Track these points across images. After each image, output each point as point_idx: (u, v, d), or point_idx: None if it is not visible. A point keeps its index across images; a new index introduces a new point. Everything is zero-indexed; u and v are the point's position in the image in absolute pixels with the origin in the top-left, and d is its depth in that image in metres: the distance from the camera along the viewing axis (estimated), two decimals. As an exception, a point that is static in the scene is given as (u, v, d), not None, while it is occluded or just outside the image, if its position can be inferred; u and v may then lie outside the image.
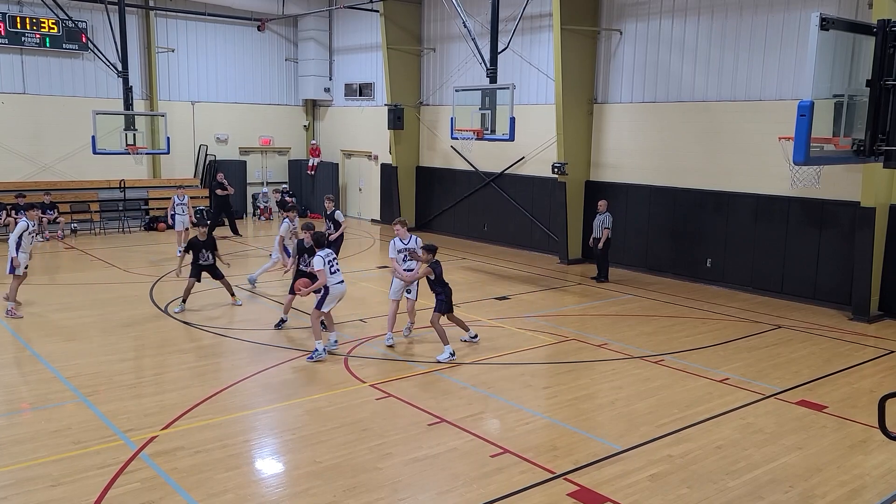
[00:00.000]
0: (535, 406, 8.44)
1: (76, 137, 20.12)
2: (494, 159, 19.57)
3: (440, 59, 21.28)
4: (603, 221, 15.20)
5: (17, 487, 6.23)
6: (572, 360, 10.12)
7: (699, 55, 15.12)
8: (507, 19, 16.73)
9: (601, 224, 15.21)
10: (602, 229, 15.14)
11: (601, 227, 15.21)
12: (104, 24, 18.98)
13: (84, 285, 14.24)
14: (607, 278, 15.36)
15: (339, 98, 25.24)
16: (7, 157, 20.20)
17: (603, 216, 15.22)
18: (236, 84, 24.37)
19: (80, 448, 7.00)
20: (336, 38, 25.05)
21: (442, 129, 20.75)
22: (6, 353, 9.92)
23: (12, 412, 8.00)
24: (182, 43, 23.13)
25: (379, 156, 23.58)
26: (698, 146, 15.29)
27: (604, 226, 15.14)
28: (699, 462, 7.00)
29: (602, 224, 15.19)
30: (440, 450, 7.17)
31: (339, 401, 8.36)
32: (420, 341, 10.89)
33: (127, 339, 10.89)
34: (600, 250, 15.23)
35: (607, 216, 15.22)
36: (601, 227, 15.21)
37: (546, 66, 17.76)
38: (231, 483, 6.43)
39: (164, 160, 22.73)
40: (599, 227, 15.23)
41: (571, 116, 16.74)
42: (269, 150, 25.71)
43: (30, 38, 20.10)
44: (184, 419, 7.75)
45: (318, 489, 6.34)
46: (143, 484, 6.33)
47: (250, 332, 10.99)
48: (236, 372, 9.27)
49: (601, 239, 15.09)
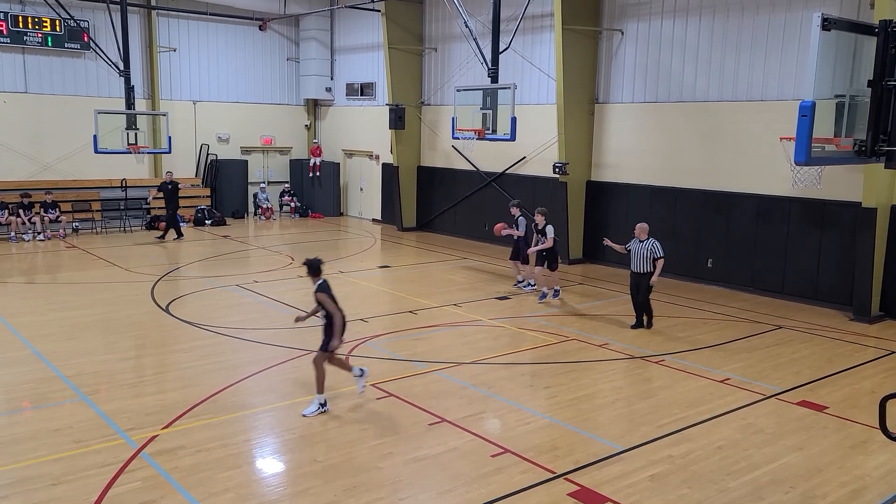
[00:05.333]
0: (536, 406, 8.44)
1: (78, 137, 20.13)
2: (495, 159, 19.56)
3: (441, 58, 21.28)
4: (651, 250, 11.29)
5: (18, 486, 6.24)
6: (573, 360, 10.12)
7: (700, 55, 15.11)
8: (509, 19, 16.73)
9: (648, 254, 11.30)
10: (652, 261, 11.29)
11: (648, 258, 11.30)
12: (106, 24, 18.99)
13: (85, 284, 14.24)
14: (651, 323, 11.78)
15: (340, 98, 25.25)
16: (9, 156, 20.22)
17: (648, 244, 11.30)
18: (238, 83, 24.39)
19: (81, 447, 7.01)
20: (337, 38, 25.05)
21: (443, 128, 20.75)
22: (6, 351, 9.92)
23: (13, 411, 8.01)
24: (184, 42, 23.14)
25: (380, 155, 23.58)
26: (699, 146, 15.29)
27: (654, 255, 11.27)
28: (700, 462, 7.00)
29: (650, 254, 11.28)
30: (441, 449, 7.17)
31: (339, 400, 8.35)
32: (421, 340, 10.89)
33: (128, 338, 10.90)
34: (646, 290, 11.48)
35: (654, 244, 11.31)
36: (648, 259, 11.30)
37: (547, 65, 17.76)
38: (231, 482, 6.43)
39: (165, 159, 22.73)
40: (646, 259, 11.32)
41: (573, 116, 16.74)
42: (270, 150, 25.72)
43: (32, 38, 20.11)
44: (184, 418, 7.76)
45: (319, 489, 6.35)
46: (143, 483, 6.34)
47: (250, 332, 10.99)
48: (236, 371, 9.27)
49: (654, 274, 11.30)
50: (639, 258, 11.43)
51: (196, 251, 18.35)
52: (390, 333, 11.25)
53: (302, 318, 8.35)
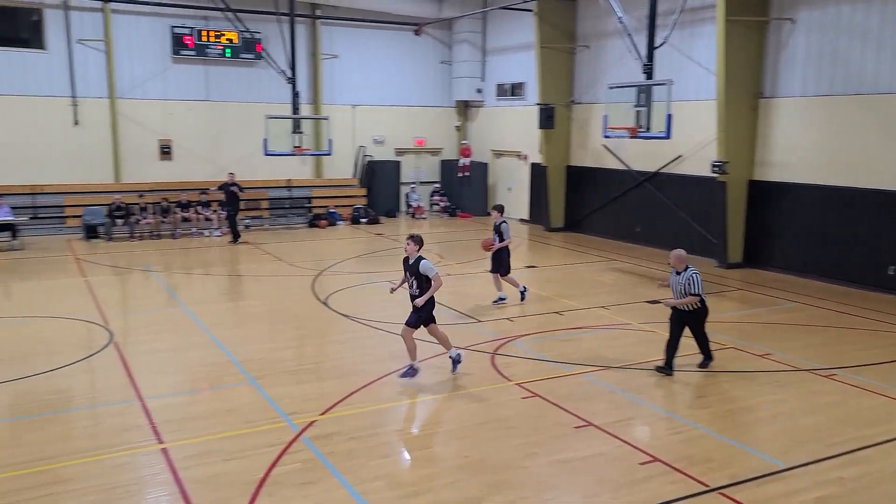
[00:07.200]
0: (688, 415, 8.09)
1: (249, 140, 21.78)
2: (648, 158, 18.93)
3: (593, 56, 20.90)
4: (687, 286, 9.00)
5: (198, 459, 6.88)
6: (730, 369, 9.58)
7: (883, 42, 13.75)
8: (666, 13, 16.12)
9: (686, 287, 9.02)
10: (688, 293, 9.03)
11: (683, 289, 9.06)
12: (276, 35, 20.40)
13: (254, 277, 15.41)
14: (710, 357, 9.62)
15: (490, 98, 25.51)
16: (191, 158, 22.28)
17: (686, 276, 9.04)
18: (393, 87, 25.33)
19: (250, 427, 7.61)
20: (489, 40, 25.33)
21: (593, 127, 20.37)
22: (190, 336, 10.96)
23: (193, 391, 8.84)
24: (344, 49, 24.38)
25: (528, 155, 23.57)
26: (879, 142, 13.92)
27: (691, 290, 8.98)
28: (875, 487, 6.40)
29: (689, 287, 9.00)
30: (587, 453, 7.07)
31: (486, 398, 8.46)
32: (568, 342, 10.77)
33: (290, 328, 11.67)
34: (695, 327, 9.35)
35: (693, 276, 9.01)
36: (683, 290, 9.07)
37: (707, 59, 16.91)
38: (383, 470, 6.71)
39: (325, 161, 24.13)
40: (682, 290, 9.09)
41: (734, 112, 15.84)
42: (422, 151, 26.48)
43: (213, 50, 22.05)
44: (340, 406, 8.19)
45: (465, 482, 6.47)
46: (303, 465, 6.77)
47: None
48: (387, 364, 9.63)
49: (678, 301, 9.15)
50: (676, 291, 9.17)
51: (352, 248, 19.29)
52: (536, 334, 11.23)
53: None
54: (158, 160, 22.04)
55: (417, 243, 8.90)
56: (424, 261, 8.84)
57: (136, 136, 21.59)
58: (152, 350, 10.27)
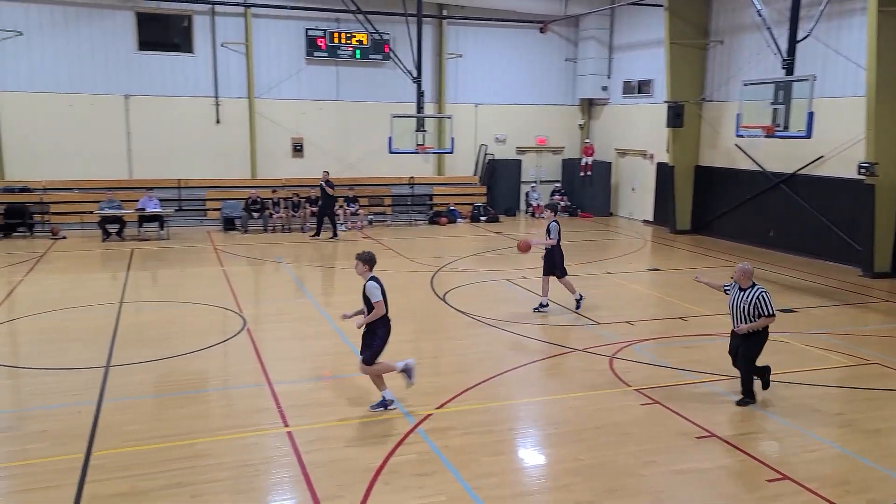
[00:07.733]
0: (824, 433, 7.56)
1: (375, 138, 22.43)
2: (784, 159, 17.84)
3: (728, 51, 19.93)
4: (756, 305, 7.86)
5: (320, 444, 7.19)
6: (874, 386, 8.87)
7: None
8: (810, 4, 15.12)
9: (752, 309, 7.90)
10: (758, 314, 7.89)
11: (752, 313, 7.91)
12: (403, 35, 20.89)
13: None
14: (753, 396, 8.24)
15: (616, 96, 24.92)
16: (321, 156, 23.24)
17: (753, 294, 7.92)
18: (516, 85, 25.28)
19: (368, 417, 7.86)
20: (617, 36, 24.74)
21: (725, 126, 19.44)
22: (316, 326, 11.46)
23: (317, 378, 9.24)
24: (469, 48, 24.59)
25: (654, 154, 22.83)
26: None
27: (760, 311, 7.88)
28: None
29: (755, 310, 7.88)
30: (708, 465, 6.78)
31: (602, 402, 8.30)
32: (692, 349, 10.36)
33: (409, 322, 11.90)
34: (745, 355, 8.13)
35: (762, 295, 7.90)
36: (752, 315, 7.93)
37: (857, 53, 15.70)
38: (496, 468, 6.74)
39: (447, 159, 24.45)
40: (748, 315, 7.95)
41: (885, 109, 14.61)
42: (543, 150, 26.27)
43: (343, 51, 22.91)
44: (455, 401, 8.30)
45: (579, 486, 6.38)
46: (418, 457, 6.92)
47: (516, 325, 11.35)
48: (502, 362, 9.65)
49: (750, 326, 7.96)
50: (739, 312, 7.98)
51: (471, 245, 19.45)
52: (657, 339, 10.88)
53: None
54: (290, 157, 23.16)
55: (366, 262, 7.94)
56: (370, 282, 7.92)
57: (272, 134, 22.81)
58: (281, 337, 10.83)
